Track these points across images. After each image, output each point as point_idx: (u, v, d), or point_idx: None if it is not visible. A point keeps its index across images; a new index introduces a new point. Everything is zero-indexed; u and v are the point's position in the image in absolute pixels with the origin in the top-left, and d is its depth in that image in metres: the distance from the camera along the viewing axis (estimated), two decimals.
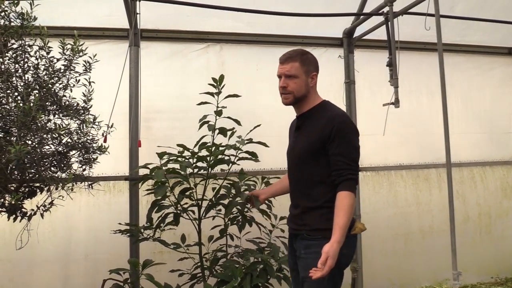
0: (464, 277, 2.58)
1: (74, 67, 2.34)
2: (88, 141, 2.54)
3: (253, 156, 2.93)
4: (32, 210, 2.40)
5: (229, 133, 2.95)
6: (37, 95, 2.09)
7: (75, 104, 2.45)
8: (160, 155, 2.74)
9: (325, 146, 2.04)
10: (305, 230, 2.11)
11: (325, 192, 2.07)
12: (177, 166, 2.80)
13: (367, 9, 3.77)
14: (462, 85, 4.53)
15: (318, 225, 2.05)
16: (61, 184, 2.31)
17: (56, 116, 2.35)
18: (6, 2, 2.01)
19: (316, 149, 2.08)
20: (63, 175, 2.39)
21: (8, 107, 2.06)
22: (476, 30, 4.37)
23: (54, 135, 2.23)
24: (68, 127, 2.28)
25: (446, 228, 3.97)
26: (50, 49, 2.24)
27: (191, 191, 2.92)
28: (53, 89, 2.26)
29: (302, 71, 2.16)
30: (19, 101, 2.07)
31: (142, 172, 3.07)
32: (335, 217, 1.95)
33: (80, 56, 2.34)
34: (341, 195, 1.98)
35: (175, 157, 2.81)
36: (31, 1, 2.11)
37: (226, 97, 2.93)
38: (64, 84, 2.34)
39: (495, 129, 4.63)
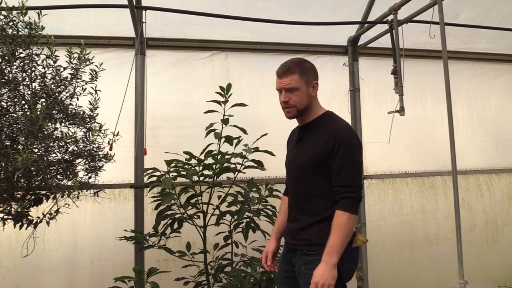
0: (471, 286, 2.56)
1: (81, 76, 2.35)
2: (94, 149, 2.54)
3: (259, 164, 2.93)
4: (38, 217, 2.41)
5: (235, 141, 2.96)
6: (44, 103, 2.11)
7: (82, 113, 2.46)
8: (168, 163, 2.75)
9: (327, 160, 1.99)
10: (304, 245, 2.05)
11: (325, 207, 2.01)
12: (183, 173, 2.81)
13: (371, 17, 3.79)
14: (467, 92, 4.53)
15: (318, 240, 1.98)
16: (67, 192, 2.31)
17: (63, 124, 2.36)
18: (14, 12, 2.04)
19: (318, 162, 2.02)
20: (69, 183, 2.39)
21: (15, 115, 2.07)
22: (480, 37, 4.38)
23: (60, 143, 2.24)
24: (75, 135, 2.29)
25: (452, 236, 3.96)
26: (57, 58, 2.25)
27: (196, 198, 2.93)
28: (59, 98, 2.27)
29: (303, 82, 2.08)
30: (26, 110, 2.08)
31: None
32: (329, 237, 1.90)
33: (87, 65, 2.36)
34: (336, 214, 1.93)
35: (181, 165, 2.83)
36: (39, 10, 2.13)
37: (233, 105, 2.94)
38: (70, 92, 2.35)
39: (501, 136, 4.61)
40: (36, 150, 2.13)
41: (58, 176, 2.38)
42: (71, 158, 2.42)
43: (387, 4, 3.43)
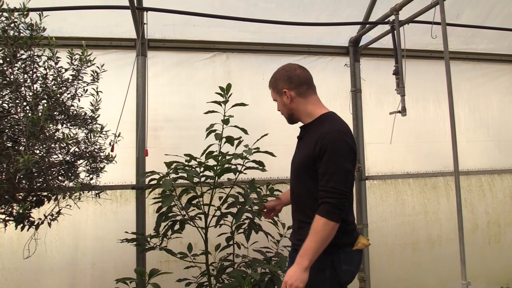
0: (473, 287, 2.56)
1: (82, 77, 2.35)
2: (96, 150, 2.55)
3: (260, 165, 2.92)
4: (40, 219, 2.40)
5: (236, 142, 2.95)
6: (45, 105, 2.11)
7: (83, 114, 2.46)
8: (168, 165, 2.75)
9: (316, 163, 1.98)
10: (302, 245, 2.05)
11: (317, 209, 1.98)
12: (184, 174, 2.81)
13: (373, 18, 3.78)
14: (469, 93, 4.52)
15: None
16: (68, 193, 2.31)
17: (64, 125, 2.36)
18: (16, 14, 2.04)
19: (308, 165, 2.02)
20: (71, 184, 2.39)
21: (16, 117, 2.07)
22: (482, 38, 4.37)
23: (62, 145, 2.24)
24: (76, 136, 2.29)
25: (454, 237, 3.95)
26: (58, 59, 2.25)
27: (198, 199, 2.92)
28: (61, 99, 2.27)
29: (276, 94, 2.21)
30: (27, 111, 2.08)
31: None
32: (305, 240, 1.90)
33: (88, 66, 2.35)
34: (315, 218, 1.91)
35: (182, 166, 2.82)
36: (40, 12, 2.13)
37: (233, 105, 2.94)
38: (72, 94, 2.35)
39: (503, 136, 4.60)
40: (38, 152, 2.14)
41: (60, 177, 2.38)
42: (72, 159, 2.42)
43: (388, 5, 3.43)
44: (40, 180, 2.22)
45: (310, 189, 2.04)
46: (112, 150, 2.65)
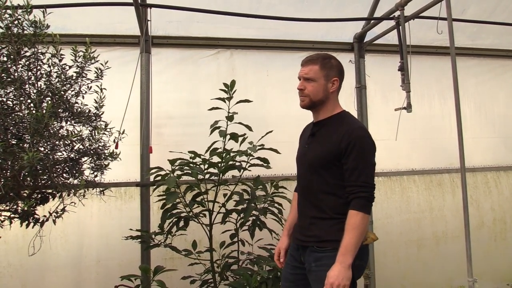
0: (479, 284, 2.54)
1: (86, 74, 2.36)
2: (100, 147, 2.55)
3: (265, 162, 2.92)
4: (45, 216, 2.41)
5: (240, 138, 2.94)
6: (49, 102, 2.11)
7: (87, 111, 2.46)
8: (172, 162, 2.74)
9: (340, 159, 1.99)
10: (314, 242, 2.04)
11: (335, 204, 2.01)
12: (188, 172, 2.80)
13: (378, 14, 3.76)
14: (475, 89, 4.49)
15: (328, 236, 1.98)
16: (73, 191, 2.32)
17: (68, 122, 2.37)
18: (19, 11, 2.03)
19: (329, 160, 2.02)
20: (75, 182, 2.40)
21: (21, 114, 2.08)
22: (488, 33, 4.33)
23: (66, 142, 2.24)
24: (80, 133, 2.29)
25: (460, 234, 3.93)
26: (62, 56, 2.26)
27: (202, 196, 2.92)
28: (65, 96, 2.27)
29: (322, 75, 2.10)
30: (32, 108, 2.08)
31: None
32: (343, 237, 1.90)
33: (92, 63, 2.36)
34: (350, 213, 1.92)
35: (186, 163, 2.82)
36: (44, 9, 2.13)
37: (237, 102, 2.92)
38: (76, 91, 2.35)
39: (509, 133, 4.57)
40: (42, 149, 2.14)
41: (64, 175, 2.39)
42: (77, 157, 2.43)
43: (393, 0, 3.40)
44: (45, 177, 2.23)
45: (329, 184, 2.04)
46: (116, 147, 2.65)
